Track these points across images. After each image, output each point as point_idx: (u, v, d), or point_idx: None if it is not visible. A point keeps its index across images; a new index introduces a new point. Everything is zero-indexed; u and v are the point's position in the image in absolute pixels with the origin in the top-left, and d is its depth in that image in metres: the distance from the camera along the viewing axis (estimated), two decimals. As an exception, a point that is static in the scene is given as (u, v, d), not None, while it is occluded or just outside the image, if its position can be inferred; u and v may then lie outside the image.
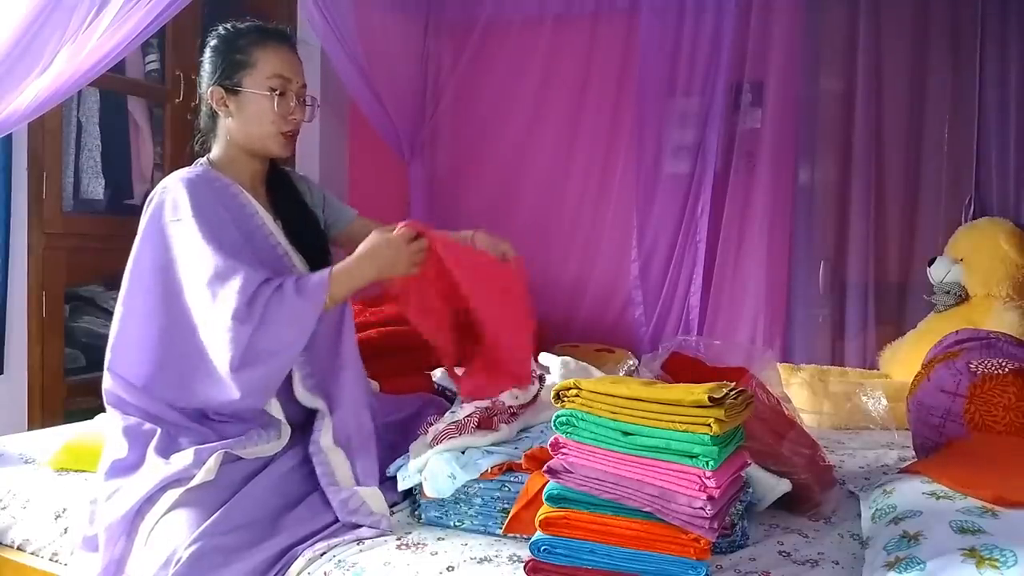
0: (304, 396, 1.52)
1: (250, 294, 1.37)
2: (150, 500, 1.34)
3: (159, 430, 1.43)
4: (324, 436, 1.47)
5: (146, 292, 1.48)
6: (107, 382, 1.50)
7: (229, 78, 1.55)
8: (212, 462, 1.36)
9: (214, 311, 1.38)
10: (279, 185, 1.68)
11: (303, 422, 1.53)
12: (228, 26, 1.60)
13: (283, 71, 1.56)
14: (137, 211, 1.52)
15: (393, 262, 1.45)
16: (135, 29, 1.71)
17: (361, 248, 1.47)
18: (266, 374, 1.40)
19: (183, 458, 1.37)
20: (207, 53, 1.59)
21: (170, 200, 1.49)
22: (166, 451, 1.41)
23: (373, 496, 1.40)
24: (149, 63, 2.81)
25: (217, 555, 1.22)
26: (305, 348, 1.45)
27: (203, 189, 1.51)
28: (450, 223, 3.50)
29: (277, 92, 1.54)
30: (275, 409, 1.49)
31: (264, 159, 1.64)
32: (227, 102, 1.56)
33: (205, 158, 1.62)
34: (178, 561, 1.21)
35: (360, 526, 1.35)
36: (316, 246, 1.66)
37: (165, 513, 1.31)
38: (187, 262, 1.44)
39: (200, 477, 1.34)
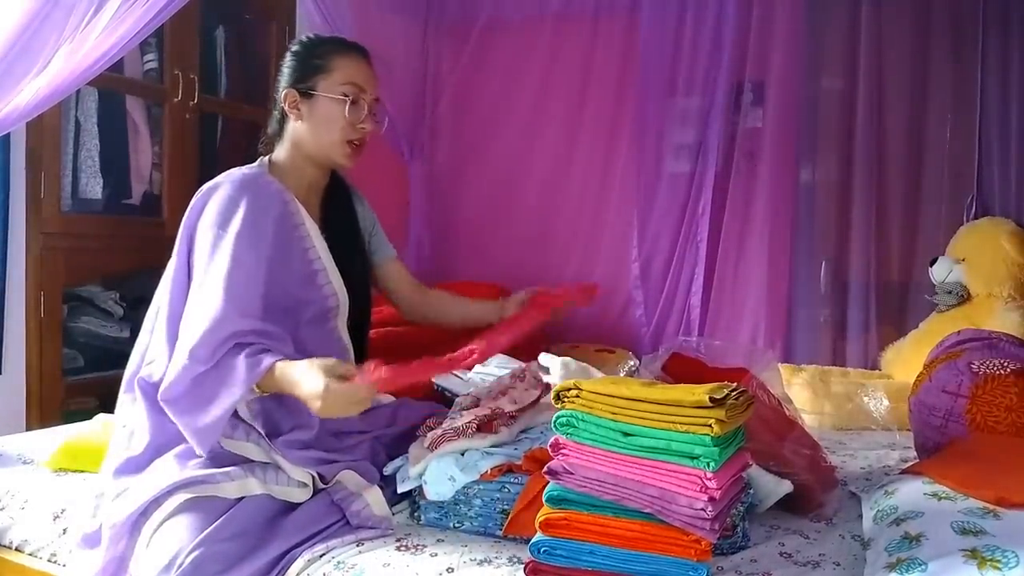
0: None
1: (221, 338, 1.34)
2: (156, 501, 1.33)
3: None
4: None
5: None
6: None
7: (304, 81, 1.58)
8: (251, 483, 1.34)
9: (198, 310, 1.39)
10: (335, 200, 1.68)
11: None
12: (311, 35, 1.66)
13: (358, 79, 1.59)
14: (136, 211, 1.52)
15: (325, 406, 1.29)
16: (133, 28, 1.71)
17: (310, 374, 1.30)
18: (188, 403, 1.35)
19: (199, 464, 1.36)
20: (287, 58, 1.63)
21: (218, 203, 1.48)
22: (184, 457, 1.39)
23: (376, 500, 1.38)
24: (147, 62, 2.80)
25: (218, 561, 1.22)
26: None
27: (253, 192, 1.50)
28: (450, 222, 3.56)
29: (350, 99, 1.57)
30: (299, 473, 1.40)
31: (325, 169, 1.65)
32: (299, 105, 1.59)
33: (266, 158, 1.63)
34: (180, 566, 1.21)
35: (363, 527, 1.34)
36: (356, 268, 1.66)
37: (169, 516, 1.30)
38: (207, 262, 1.44)
39: (233, 490, 1.33)
